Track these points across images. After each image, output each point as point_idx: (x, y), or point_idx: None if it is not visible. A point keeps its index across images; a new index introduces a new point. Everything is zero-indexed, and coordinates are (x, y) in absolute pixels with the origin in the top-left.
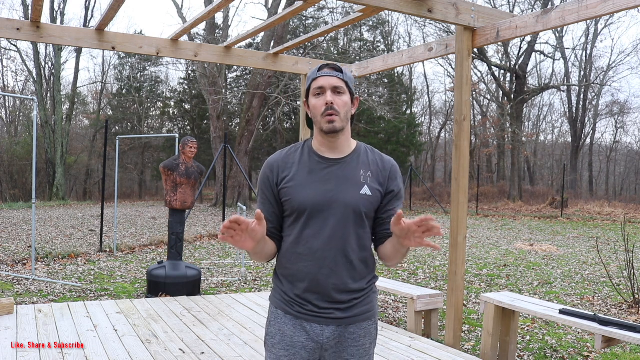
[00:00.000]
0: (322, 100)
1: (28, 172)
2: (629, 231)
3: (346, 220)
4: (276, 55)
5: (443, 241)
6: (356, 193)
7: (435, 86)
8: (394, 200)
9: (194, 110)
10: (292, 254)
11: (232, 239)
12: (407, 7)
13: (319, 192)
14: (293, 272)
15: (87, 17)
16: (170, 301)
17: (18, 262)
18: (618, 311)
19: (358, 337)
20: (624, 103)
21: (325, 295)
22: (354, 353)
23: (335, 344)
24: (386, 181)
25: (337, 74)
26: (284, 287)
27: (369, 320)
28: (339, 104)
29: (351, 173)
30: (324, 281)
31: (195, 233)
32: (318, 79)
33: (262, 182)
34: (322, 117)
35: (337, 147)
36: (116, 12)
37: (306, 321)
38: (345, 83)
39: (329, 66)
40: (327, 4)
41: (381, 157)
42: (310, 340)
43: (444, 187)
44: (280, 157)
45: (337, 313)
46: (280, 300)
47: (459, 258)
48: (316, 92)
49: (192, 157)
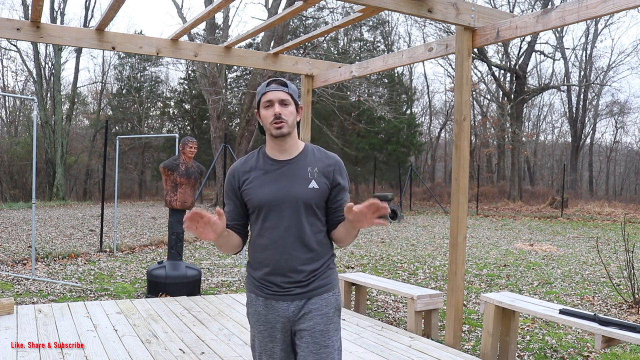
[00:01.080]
0: (271, 112)
1: (28, 172)
2: (629, 231)
3: (299, 211)
4: (276, 55)
5: (443, 241)
6: (305, 187)
7: (435, 86)
8: (341, 192)
9: (194, 110)
10: (257, 245)
11: (195, 230)
12: (407, 7)
13: (273, 190)
14: (259, 260)
15: (87, 17)
16: (170, 301)
17: (18, 262)
18: (618, 311)
19: (320, 306)
20: (624, 103)
21: (286, 276)
22: (319, 321)
23: (301, 315)
24: (331, 175)
25: (283, 88)
26: (253, 273)
27: (329, 292)
28: (286, 114)
29: (300, 171)
30: (284, 264)
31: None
32: (267, 93)
33: (228, 186)
34: (271, 125)
35: (286, 150)
36: (116, 12)
37: (274, 300)
38: (290, 95)
39: (276, 81)
40: (327, 4)
41: (326, 154)
42: (279, 316)
43: (444, 187)
44: (240, 164)
45: (297, 290)
46: (252, 285)
47: (459, 258)
48: (266, 104)
49: (192, 157)
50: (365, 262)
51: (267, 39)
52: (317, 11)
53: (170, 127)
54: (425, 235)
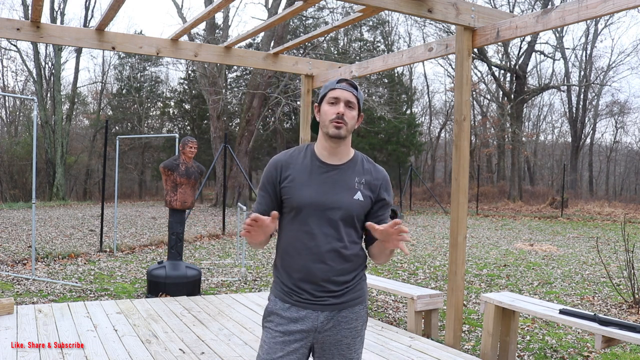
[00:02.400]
0: (334, 109)
1: (28, 172)
2: (629, 231)
3: (339, 220)
4: (276, 55)
5: (443, 241)
6: (350, 197)
7: (435, 86)
8: (383, 207)
9: (194, 110)
10: (290, 248)
11: (249, 235)
12: (407, 7)
13: (316, 193)
14: (291, 264)
15: (87, 17)
16: (170, 301)
17: (18, 262)
18: (618, 311)
19: (350, 320)
20: (624, 103)
21: (318, 285)
22: (347, 334)
23: (330, 327)
24: (377, 190)
25: (353, 90)
26: (282, 277)
27: (360, 305)
28: (348, 116)
29: (347, 179)
30: (317, 273)
31: (195, 233)
32: (335, 89)
33: (266, 177)
34: (331, 123)
35: (337, 154)
36: (116, 12)
37: (302, 308)
38: (357, 100)
39: (347, 81)
40: (327, 4)
41: (375, 167)
42: (305, 325)
43: (444, 187)
44: (285, 157)
45: (331, 300)
46: (279, 291)
47: (459, 258)
48: (331, 100)
49: (192, 157)
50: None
51: (267, 39)
52: (317, 11)
53: (170, 127)
54: (425, 235)
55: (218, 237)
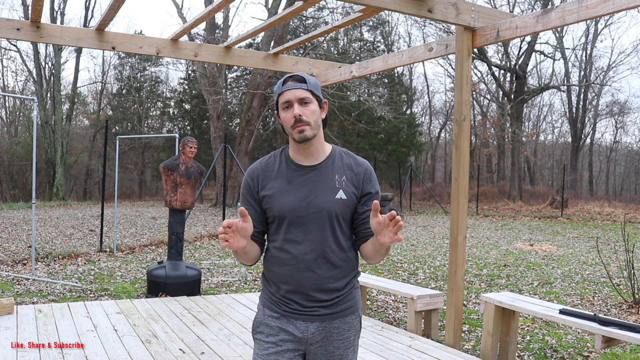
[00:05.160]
0: (290, 113)
1: (28, 172)
2: (629, 231)
3: (324, 224)
4: (276, 55)
5: (443, 241)
6: (332, 197)
7: (435, 86)
8: (370, 200)
9: (194, 110)
10: (276, 259)
11: (228, 243)
12: (407, 7)
13: (296, 199)
14: (278, 275)
15: (87, 17)
16: (170, 301)
17: (18, 262)
18: (618, 311)
19: (342, 330)
20: (624, 103)
21: (308, 295)
22: (339, 345)
23: (321, 338)
24: (361, 184)
25: (301, 85)
26: (271, 288)
27: (352, 315)
28: (307, 114)
29: (326, 178)
30: (306, 283)
31: (195, 233)
32: (284, 93)
33: (245, 188)
34: (293, 129)
35: (311, 154)
36: (116, 12)
37: (293, 318)
38: (311, 92)
39: (293, 78)
40: (327, 4)
41: (355, 160)
42: (295, 336)
43: (444, 187)
44: (260, 166)
45: (322, 310)
46: (268, 300)
47: (459, 258)
48: (284, 105)
49: (192, 157)
50: (366, 262)
51: (267, 39)
52: (317, 11)
53: (170, 127)
54: (425, 235)
55: (218, 237)
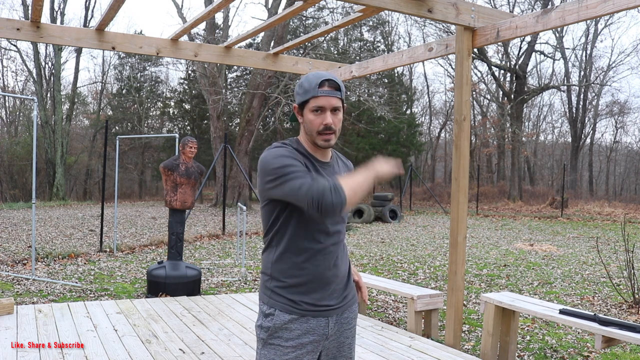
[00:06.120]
0: (321, 119)
1: (28, 172)
2: (629, 231)
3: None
4: (276, 55)
5: (443, 241)
6: None
7: (435, 86)
8: None
9: (194, 110)
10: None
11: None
12: (407, 7)
13: None
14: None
15: (87, 17)
16: (170, 301)
17: (18, 262)
18: (618, 311)
19: (350, 319)
20: (624, 103)
21: (329, 288)
22: (349, 334)
23: (335, 331)
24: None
25: (337, 93)
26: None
27: (355, 302)
28: (336, 123)
29: (339, 174)
30: (329, 274)
31: (195, 233)
32: (319, 98)
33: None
34: (319, 135)
35: (325, 152)
36: (116, 12)
37: (312, 317)
38: (342, 100)
39: (329, 83)
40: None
41: (346, 160)
42: (316, 335)
43: (444, 187)
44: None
45: (340, 302)
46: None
47: (459, 258)
48: (315, 108)
49: (192, 157)
50: (365, 262)
51: (267, 39)
52: (317, 11)
53: (170, 127)
54: (425, 235)
55: (218, 237)
